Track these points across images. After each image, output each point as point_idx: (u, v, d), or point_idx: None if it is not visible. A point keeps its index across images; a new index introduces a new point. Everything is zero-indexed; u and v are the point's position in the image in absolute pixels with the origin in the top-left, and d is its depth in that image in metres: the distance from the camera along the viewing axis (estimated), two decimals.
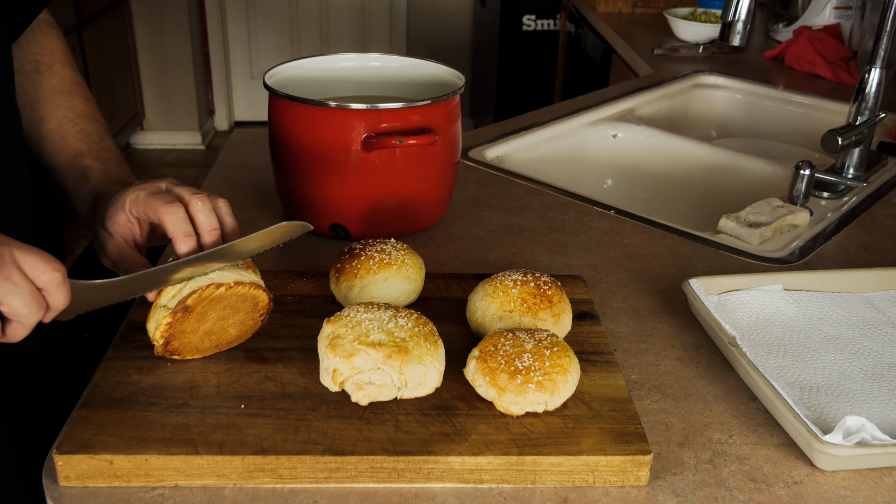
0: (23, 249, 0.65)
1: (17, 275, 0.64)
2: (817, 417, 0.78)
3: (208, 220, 0.79)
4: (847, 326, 0.93)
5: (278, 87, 1.08)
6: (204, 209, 0.79)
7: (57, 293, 0.66)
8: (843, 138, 1.27)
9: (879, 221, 1.23)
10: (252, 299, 0.79)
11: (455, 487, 0.70)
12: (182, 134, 4.34)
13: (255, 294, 0.79)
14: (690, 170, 1.52)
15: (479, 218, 1.18)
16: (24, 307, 0.64)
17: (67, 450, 0.68)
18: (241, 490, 0.69)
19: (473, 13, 4.52)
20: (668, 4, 2.58)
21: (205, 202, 0.79)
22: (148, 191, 0.80)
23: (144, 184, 0.83)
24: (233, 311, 0.78)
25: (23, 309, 0.64)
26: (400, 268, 0.89)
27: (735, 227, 1.15)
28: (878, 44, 1.29)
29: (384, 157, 1.03)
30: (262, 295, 0.80)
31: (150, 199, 0.79)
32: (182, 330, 0.76)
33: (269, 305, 0.81)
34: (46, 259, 0.65)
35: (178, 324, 0.75)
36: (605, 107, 1.66)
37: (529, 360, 0.73)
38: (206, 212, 0.79)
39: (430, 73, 1.18)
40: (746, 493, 0.71)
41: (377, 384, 0.74)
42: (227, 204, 0.83)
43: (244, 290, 0.77)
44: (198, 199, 0.79)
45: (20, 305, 0.64)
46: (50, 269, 0.65)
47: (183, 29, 4.19)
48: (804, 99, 1.81)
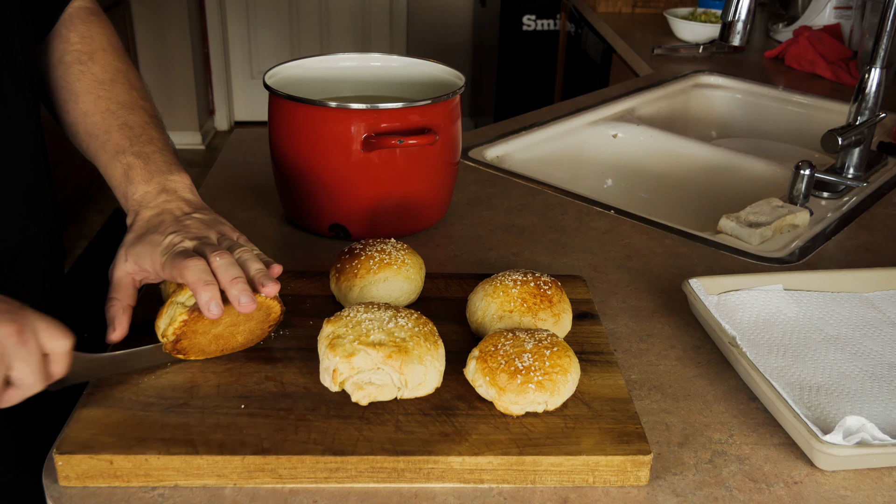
0: (40, 317, 0.67)
1: (33, 342, 0.65)
2: (817, 417, 0.78)
3: (228, 271, 0.75)
4: (847, 326, 0.93)
5: (278, 87, 1.08)
6: (223, 263, 0.76)
7: (61, 362, 0.68)
8: (843, 138, 1.27)
9: (879, 221, 1.23)
10: (266, 309, 0.79)
11: (455, 487, 0.70)
12: (182, 134, 4.34)
13: (269, 304, 0.79)
14: (690, 170, 1.52)
15: (479, 218, 1.18)
16: (31, 375, 0.66)
17: (67, 450, 0.68)
18: (241, 490, 0.69)
19: (473, 13, 4.52)
20: (668, 4, 2.58)
21: (223, 257, 0.76)
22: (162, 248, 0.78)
23: (159, 226, 0.80)
24: (245, 319, 0.78)
25: (29, 377, 0.66)
26: (400, 268, 0.89)
27: (735, 227, 1.15)
28: (878, 44, 1.29)
29: (384, 157, 1.03)
30: (275, 306, 0.79)
31: (170, 263, 0.76)
32: (194, 330, 0.76)
33: (280, 317, 0.81)
34: (61, 328, 0.67)
35: (192, 323, 0.75)
36: (605, 107, 1.66)
37: (529, 360, 0.73)
38: (224, 265, 0.76)
39: (430, 73, 1.18)
40: (746, 493, 0.71)
41: (377, 384, 0.74)
42: (249, 249, 0.80)
43: (261, 298, 0.77)
44: (216, 255, 0.76)
45: (28, 373, 0.65)
46: (63, 338, 0.67)
47: (183, 29, 4.19)
48: (804, 99, 1.81)
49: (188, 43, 4.22)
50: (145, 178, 0.84)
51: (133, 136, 0.87)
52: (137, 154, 0.85)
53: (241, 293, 0.74)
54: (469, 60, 4.56)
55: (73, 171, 3.22)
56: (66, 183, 3.23)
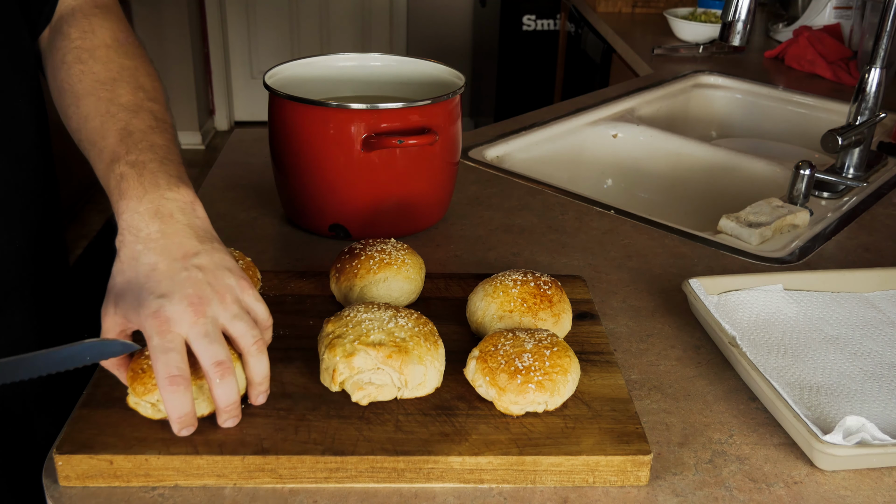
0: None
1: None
2: (817, 417, 0.78)
3: (226, 395, 0.68)
4: (847, 326, 0.93)
5: (278, 87, 1.08)
6: (223, 386, 0.67)
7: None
8: (843, 138, 1.27)
9: (879, 221, 1.23)
10: None
11: (455, 487, 0.70)
12: (182, 134, 4.34)
13: None
14: (690, 170, 1.52)
15: (479, 218, 1.18)
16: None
17: (67, 450, 0.68)
18: (241, 490, 0.69)
19: (473, 13, 4.52)
20: (668, 4, 2.58)
21: (224, 377, 0.67)
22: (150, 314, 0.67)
23: (150, 276, 0.69)
24: None
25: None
26: (400, 268, 0.89)
27: (735, 227, 1.15)
28: (878, 44, 1.29)
29: (384, 157, 1.03)
30: None
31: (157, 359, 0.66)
32: None
33: None
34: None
35: None
36: (605, 107, 1.66)
37: (529, 360, 0.73)
38: (224, 389, 0.68)
39: (430, 73, 1.18)
40: (746, 493, 0.71)
41: (377, 384, 0.74)
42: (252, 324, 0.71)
43: None
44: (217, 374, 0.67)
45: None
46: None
47: (183, 29, 4.19)
48: (804, 99, 1.81)
49: (188, 43, 4.22)
50: (138, 193, 0.71)
51: (131, 143, 0.75)
52: (132, 164, 0.73)
53: (229, 419, 0.69)
54: (469, 60, 4.56)
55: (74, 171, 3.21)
56: (67, 183, 3.23)
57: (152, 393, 0.69)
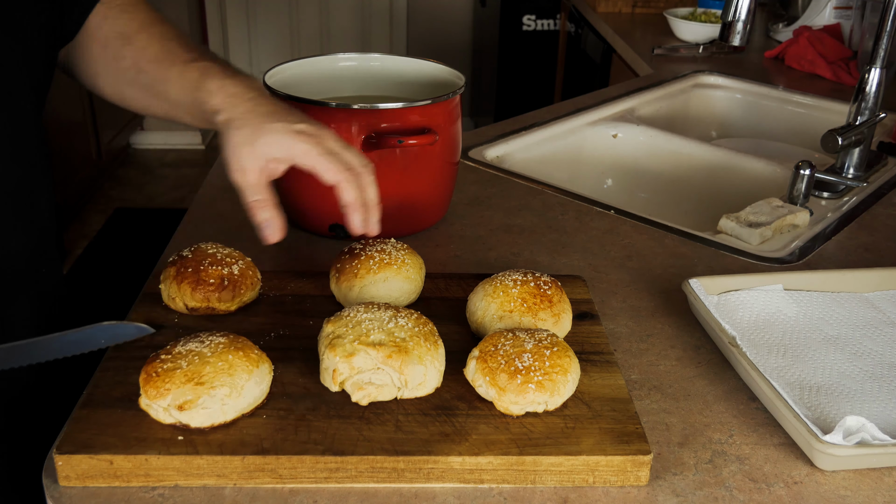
0: None
1: None
2: (817, 417, 0.78)
3: (373, 191, 0.81)
4: (847, 326, 0.93)
5: (278, 87, 1.08)
6: (371, 182, 0.81)
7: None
8: (843, 138, 1.27)
9: (879, 221, 1.23)
10: None
11: (455, 487, 0.70)
12: (182, 134, 4.34)
13: None
14: (690, 170, 1.52)
15: (479, 218, 1.18)
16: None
17: (67, 450, 0.68)
18: (241, 490, 0.69)
19: (473, 13, 4.52)
20: (668, 4, 2.58)
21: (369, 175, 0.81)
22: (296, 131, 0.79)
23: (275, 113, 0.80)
24: None
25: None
26: (400, 268, 0.89)
27: (735, 227, 1.15)
28: (878, 44, 1.29)
29: (384, 157, 1.03)
30: None
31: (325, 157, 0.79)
32: None
33: None
34: None
35: None
36: (605, 107, 1.66)
37: (529, 360, 0.73)
38: (372, 185, 0.81)
39: (430, 73, 1.18)
40: (746, 493, 0.71)
41: (377, 384, 0.74)
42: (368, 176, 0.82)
43: None
44: (370, 170, 0.81)
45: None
46: None
47: (183, 29, 4.18)
48: (804, 99, 1.81)
49: None
50: (229, 73, 0.83)
51: (201, 51, 0.87)
52: (213, 59, 0.85)
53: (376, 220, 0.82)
54: (469, 60, 4.56)
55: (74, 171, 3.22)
56: (67, 183, 3.23)
57: (164, 397, 0.69)
